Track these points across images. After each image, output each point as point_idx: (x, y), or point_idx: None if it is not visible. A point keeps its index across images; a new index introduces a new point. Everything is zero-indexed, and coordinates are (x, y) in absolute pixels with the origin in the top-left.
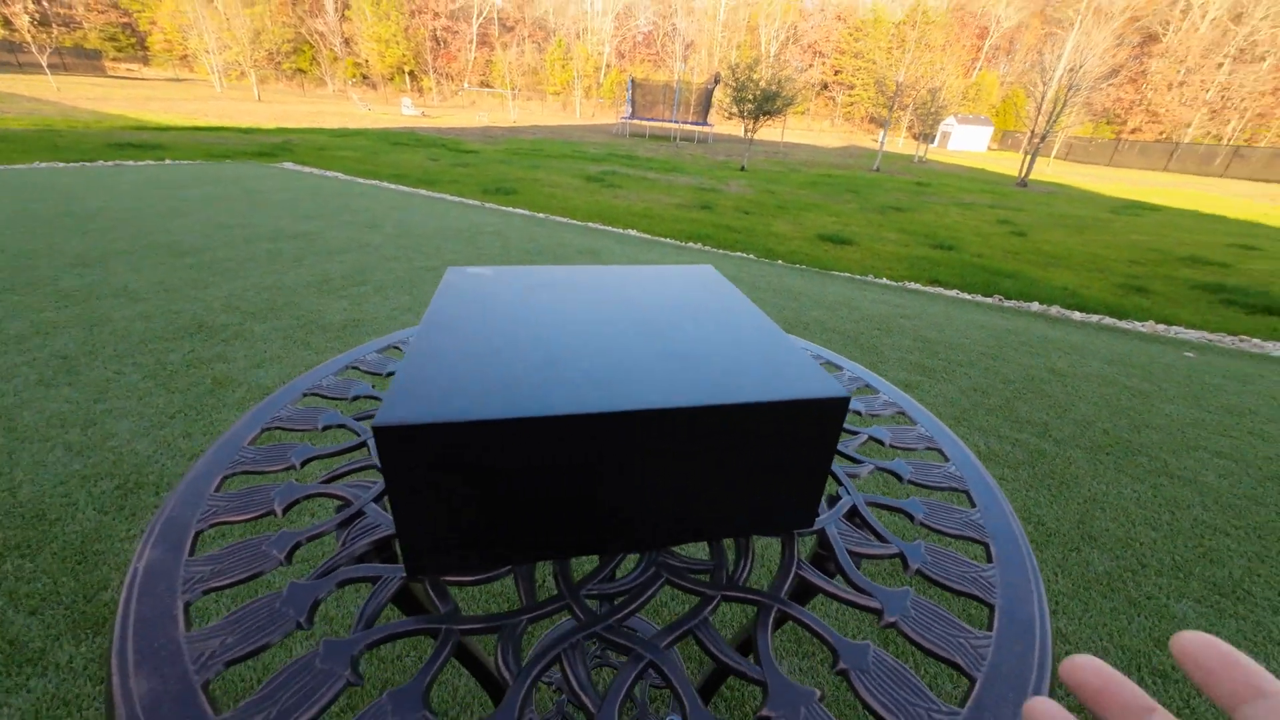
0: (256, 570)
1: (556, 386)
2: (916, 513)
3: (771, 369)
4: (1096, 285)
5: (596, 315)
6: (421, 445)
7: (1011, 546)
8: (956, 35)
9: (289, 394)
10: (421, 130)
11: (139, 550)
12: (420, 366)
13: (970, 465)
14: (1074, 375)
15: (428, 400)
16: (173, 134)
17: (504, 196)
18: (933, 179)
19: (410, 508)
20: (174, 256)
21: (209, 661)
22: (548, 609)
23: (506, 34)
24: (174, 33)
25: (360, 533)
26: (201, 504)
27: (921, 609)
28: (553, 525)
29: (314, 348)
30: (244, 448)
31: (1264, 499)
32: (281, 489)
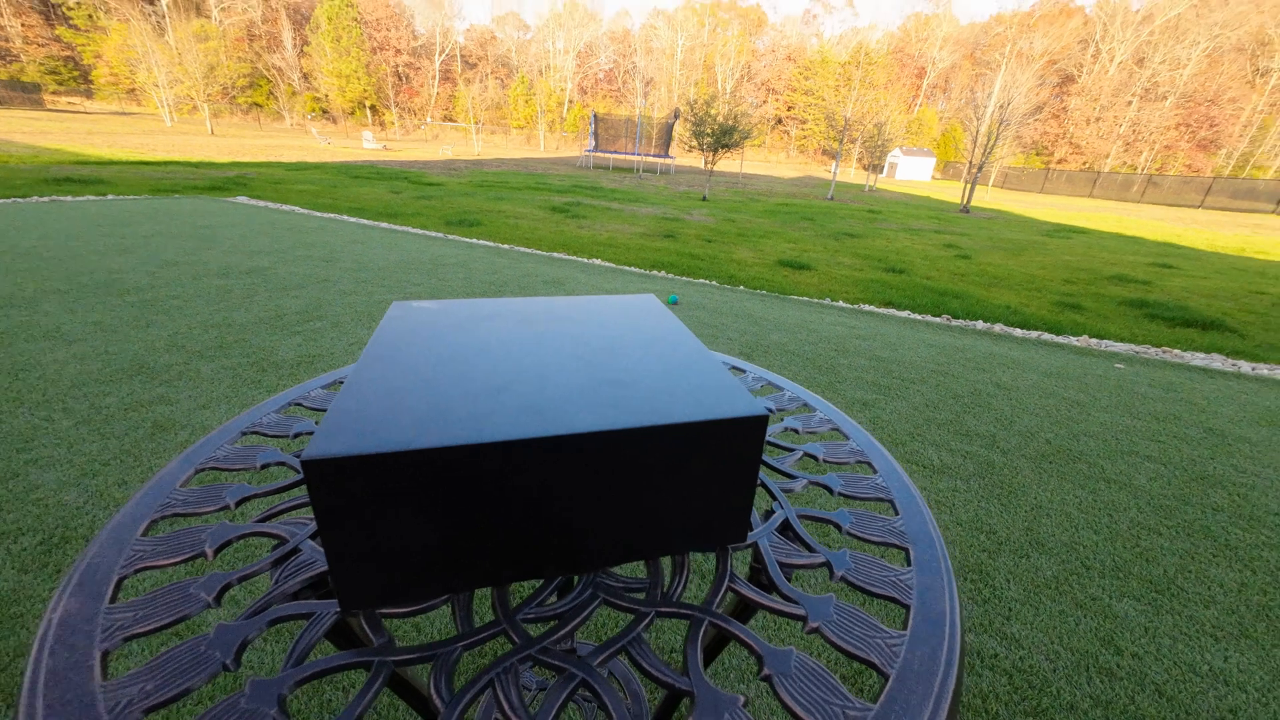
0: (182, 614)
1: (490, 415)
2: (844, 523)
3: (698, 391)
4: (1035, 303)
5: (536, 345)
6: (350, 477)
7: (929, 551)
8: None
9: (226, 433)
10: (383, 163)
11: (53, 601)
12: (354, 399)
13: (896, 476)
14: (1017, 389)
15: (357, 432)
16: (116, 168)
17: (467, 228)
18: (883, 207)
19: (342, 541)
20: (114, 295)
21: (126, 710)
22: (482, 635)
23: (469, 70)
24: (121, 66)
25: (295, 570)
26: (126, 549)
27: (843, 613)
28: (489, 551)
29: (265, 386)
30: (175, 489)
31: (1190, 498)
32: (214, 530)
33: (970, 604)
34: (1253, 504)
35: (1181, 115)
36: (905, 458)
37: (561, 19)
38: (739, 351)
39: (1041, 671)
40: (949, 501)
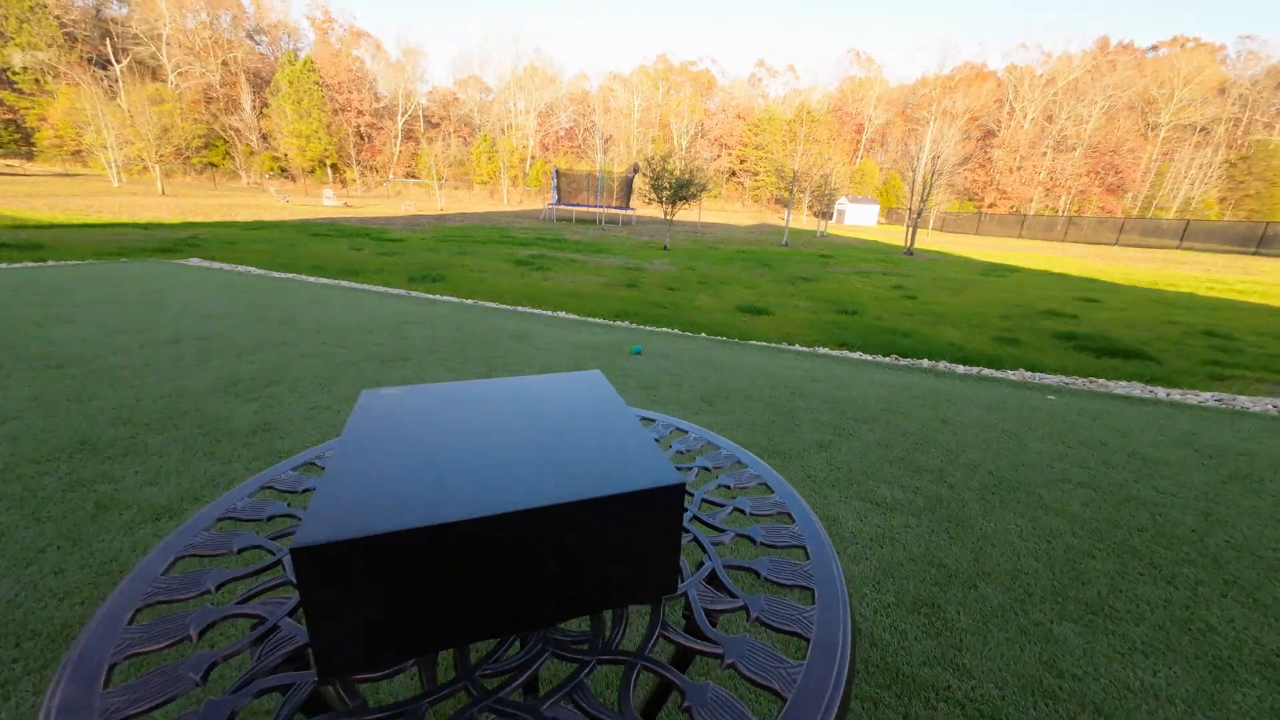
0: (172, 694)
1: (452, 496)
2: (763, 570)
3: (628, 465)
4: (977, 339)
5: (491, 428)
6: (334, 560)
7: (830, 589)
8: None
9: (203, 520)
10: (344, 220)
11: (50, 690)
12: (334, 488)
13: (810, 524)
14: (960, 423)
15: (340, 520)
16: (56, 232)
17: (431, 284)
18: (834, 251)
19: (323, 617)
20: (52, 368)
21: None
22: (445, 692)
23: (432, 129)
24: (67, 129)
25: (275, 646)
26: (115, 638)
27: (755, 650)
28: (452, 616)
29: (218, 457)
30: (158, 578)
31: (1119, 520)
32: (196, 614)
33: (924, 638)
34: (1173, 522)
35: (1090, 164)
36: (860, 496)
37: (522, 82)
38: (700, 399)
39: (992, 700)
40: (902, 537)
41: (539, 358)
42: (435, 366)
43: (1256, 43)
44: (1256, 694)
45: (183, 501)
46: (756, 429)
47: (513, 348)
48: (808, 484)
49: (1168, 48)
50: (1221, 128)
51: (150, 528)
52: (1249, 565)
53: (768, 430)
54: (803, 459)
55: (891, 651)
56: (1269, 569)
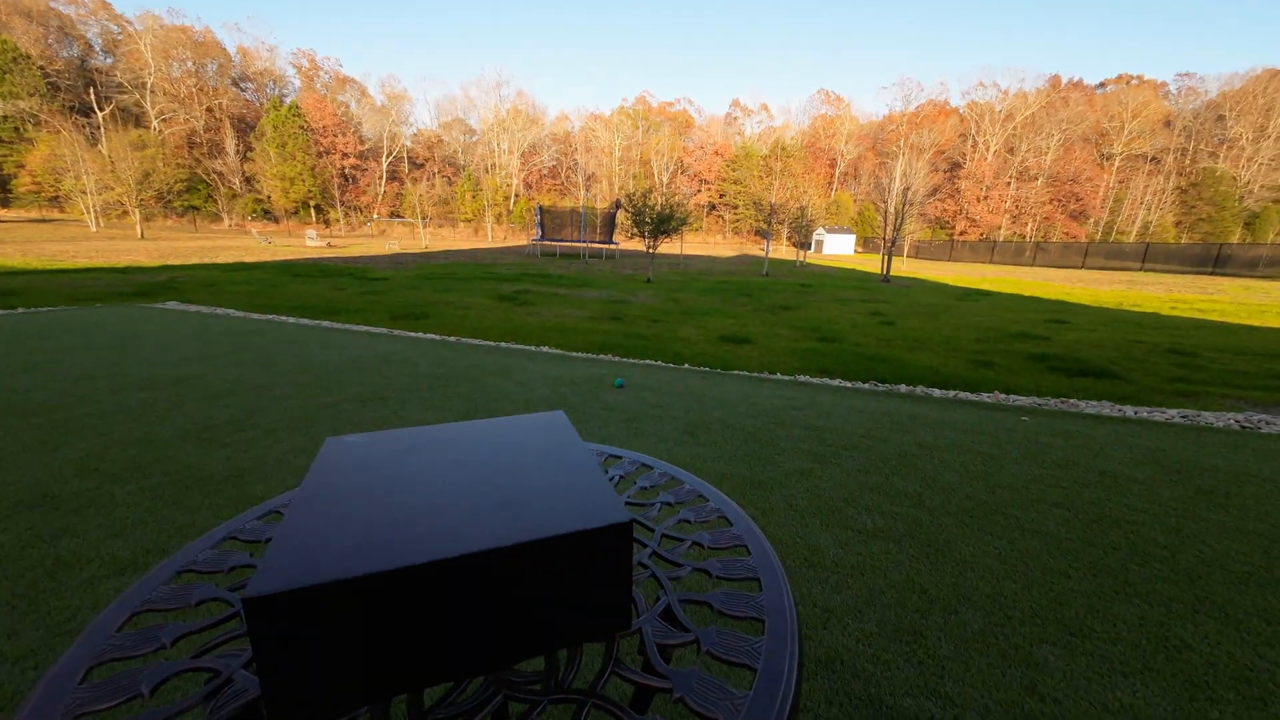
0: None
1: (404, 543)
2: (715, 602)
3: (577, 504)
4: (953, 362)
5: (450, 471)
6: (286, 609)
7: (779, 619)
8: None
9: (160, 574)
10: (327, 260)
11: None
12: (288, 538)
13: (765, 556)
14: (937, 447)
15: (293, 569)
16: (27, 278)
17: (414, 321)
18: (813, 280)
19: (276, 667)
20: (16, 418)
21: None
22: None
23: (417, 170)
24: (45, 175)
25: (228, 699)
26: (64, 698)
27: (704, 683)
28: (405, 661)
29: (187, 506)
30: (111, 635)
31: (1093, 539)
32: (149, 671)
33: (908, 667)
34: (1145, 540)
35: (1052, 192)
36: (841, 524)
37: (505, 123)
38: (682, 430)
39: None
40: (883, 565)
41: (520, 394)
42: (415, 405)
43: (1194, 79)
44: (1233, 710)
45: (147, 554)
46: (738, 459)
47: (494, 384)
48: (789, 513)
49: (1114, 85)
50: (1170, 157)
51: (111, 583)
52: (1220, 580)
53: (749, 460)
54: (783, 488)
55: (874, 682)
56: (1239, 583)
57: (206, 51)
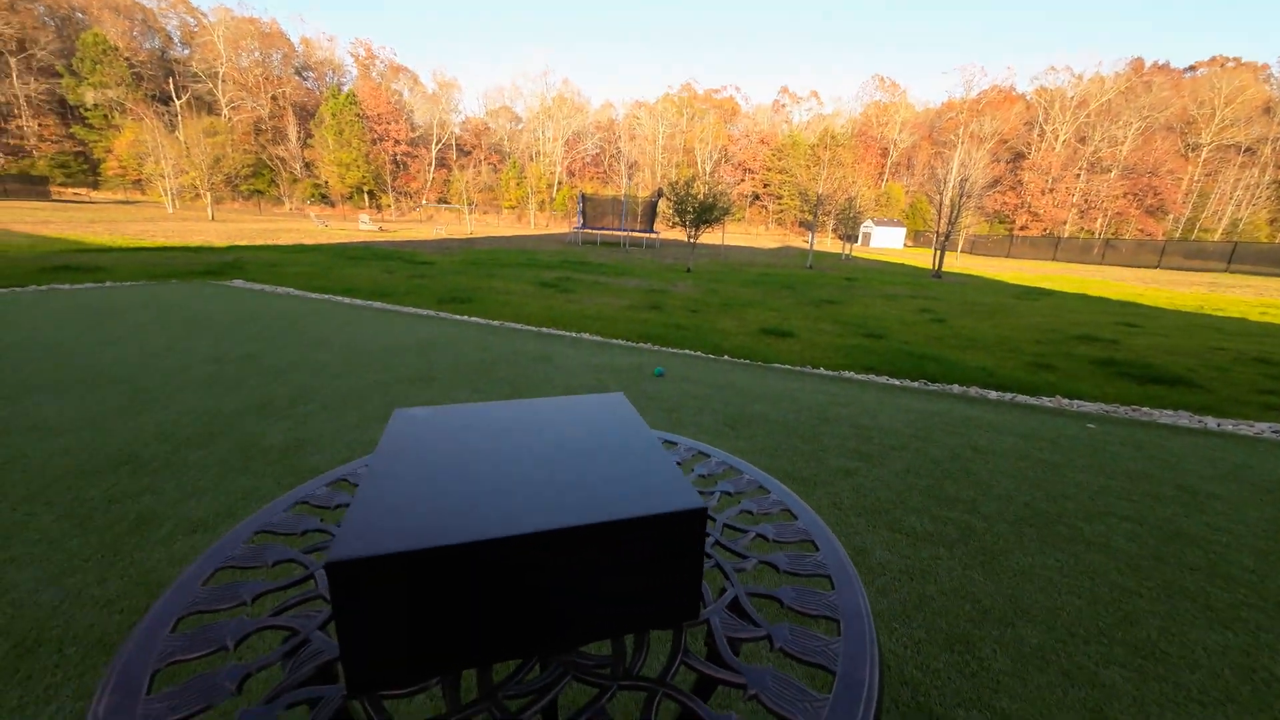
0: (209, 703)
1: (479, 517)
2: (786, 598)
3: (649, 488)
4: (1009, 364)
5: (515, 449)
6: (366, 575)
7: (857, 622)
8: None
9: (241, 533)
10: (378, 244)
11: (97, 695)
12: (367, 505)
13: (835, 554)
14: (993, 452)
15: (372, 536)
16: (115, 255)
17: (459, 305)
18: (859, 274)
19: (355, 631)
20: (103, 386)
21: None
22: (468, 712)
23: (464, 157)
24: (130, 160)
25: (305, 659)
26: (157, 646)
27: (779, 681)
28: (476, 636)
29: (253, 473)
30: (198, 589)
31: (1167, 557)
32: (233, 625)
33: (959, 679)
34: (1228, 561)
35: (1127, 185)
36: (888, 526)
37: (551, 111)
38: (723, 423)
39: None
40: (932, 570)
41: (563, 380)
42: (461, 387)
43: None
44: None
45: (217, 516)
46: (779, 454)
47: (537, 369)
48: (833, 512)
49: (1206, 68)
50: (1268, 147)
51: (186, 540)
52: None
53: (791, 456)
54: (828, 486)
55: (923, 690)
56: None
57: (272, 42)
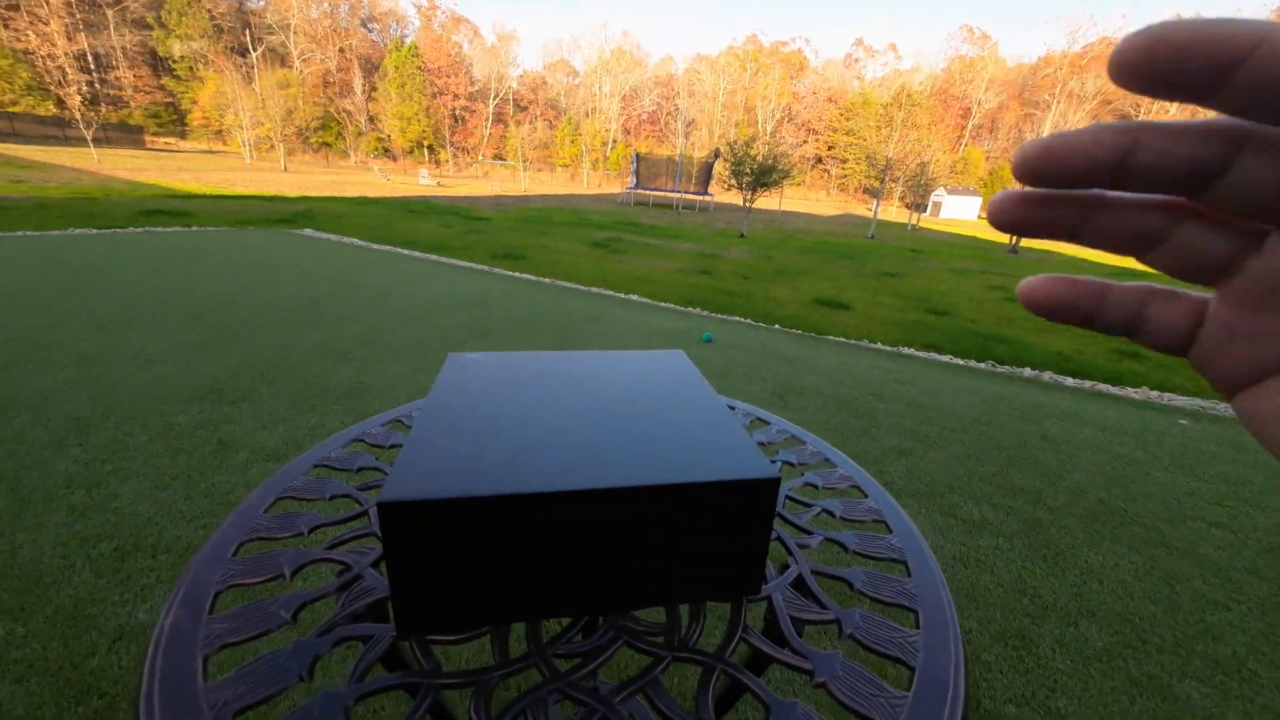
0: (265, 628)
1: (533, 468)
2: (856, 581)
3: (717, 452)
4: (1090, 350)
5: (573, 401)
6: (417, 518)
7: (938, 616)
8: (941, 115)
9: (301, 465)
10: (436, 199)
11: (165, 609)
12: (420, 448)
13: (911, 538)
14: (1066, 442)
15: (425, 479)
16: (200, 201)
17: (512, 262)
18: (926, 246)
19: (404, 573)
20: (191, 320)
21: (222, 711)
22: (518, 667)
23: (520, 113)
24: (212, 111)
25: (358, 595)
26: (221, 568)
27: (850, 671)
28: (527, 590)
29: (318, 411)
30: (260, 516)
31: (1264, 572)
32: (290, 555)
33: (1011, 672)
34: None
35: None
36: (943, 511)
37: (609, 65)
38: (772, 392)
39: None
40: (989, 560)
41: (611, 340)
42: (513, 342)
43: None
44: None
45: (287, 447)
46: (830, 429)
47: (586, 329)
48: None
49: None
50: None
51: (260, 467)
52: None
53: (842, 431)
54: (879, 465)
55: (971, 681)
56: None
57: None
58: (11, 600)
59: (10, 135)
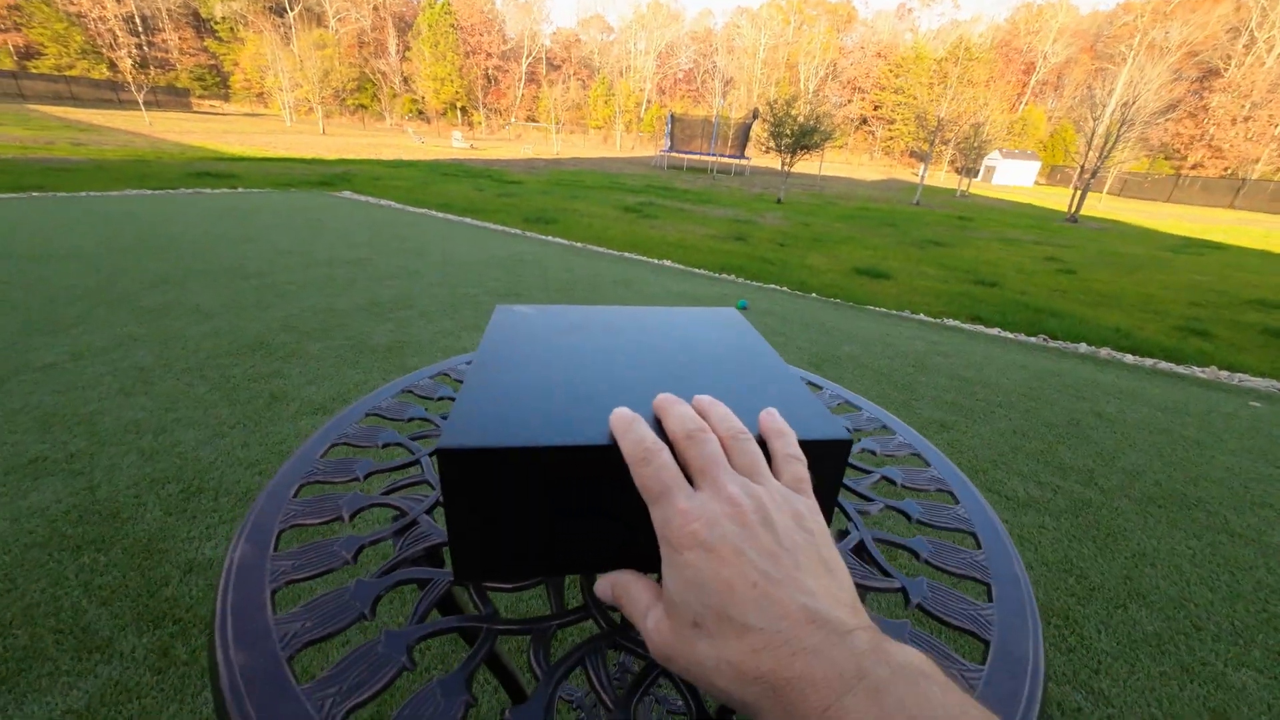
0: (328, 567)
1: (593, 420)
2: (922, 550)
3: (783, 410)
4: (1151, 327)
5: (625, 355)
6: (476, 466)
7: (1013, 590)
8: (1001, 71)
9: (354, 414)
10: (469, 162)
11: (233, 544)
12: (474, 397)
13: (980, 509)
14: (1123, 421)
15: (483, 428)
16: (245, 164)
17: (544, 226)
18: (975, 214)
19: (461, 520)
20: (241, 279)
21: (291, 641)
22: (573, 617)
23: (553, 72)
24: (253, 73)
25: (414, 540)
26: (282, 508)
27: (918, 640)
28: (582, 542)
29: (362, 367)
30: (317, 460)
31: None
32: (348, 498)
33: (1052, 651)
34: None
35: None
36: (985, 487)
37: (645, 20)
38: (807, 362)
39: None
40: (1033, 538)
41: (643, 305)
42: (546, 304)
43: None
44: None
45: (333, 400)
46: (875, 404)
47: (618, 294)
48: None
49: None
50: None
51: (309, 419)
52: None
53: (880, 403)
54: None
55: None
56: None
57: None
58: (94, 532)
59: (69, 99)
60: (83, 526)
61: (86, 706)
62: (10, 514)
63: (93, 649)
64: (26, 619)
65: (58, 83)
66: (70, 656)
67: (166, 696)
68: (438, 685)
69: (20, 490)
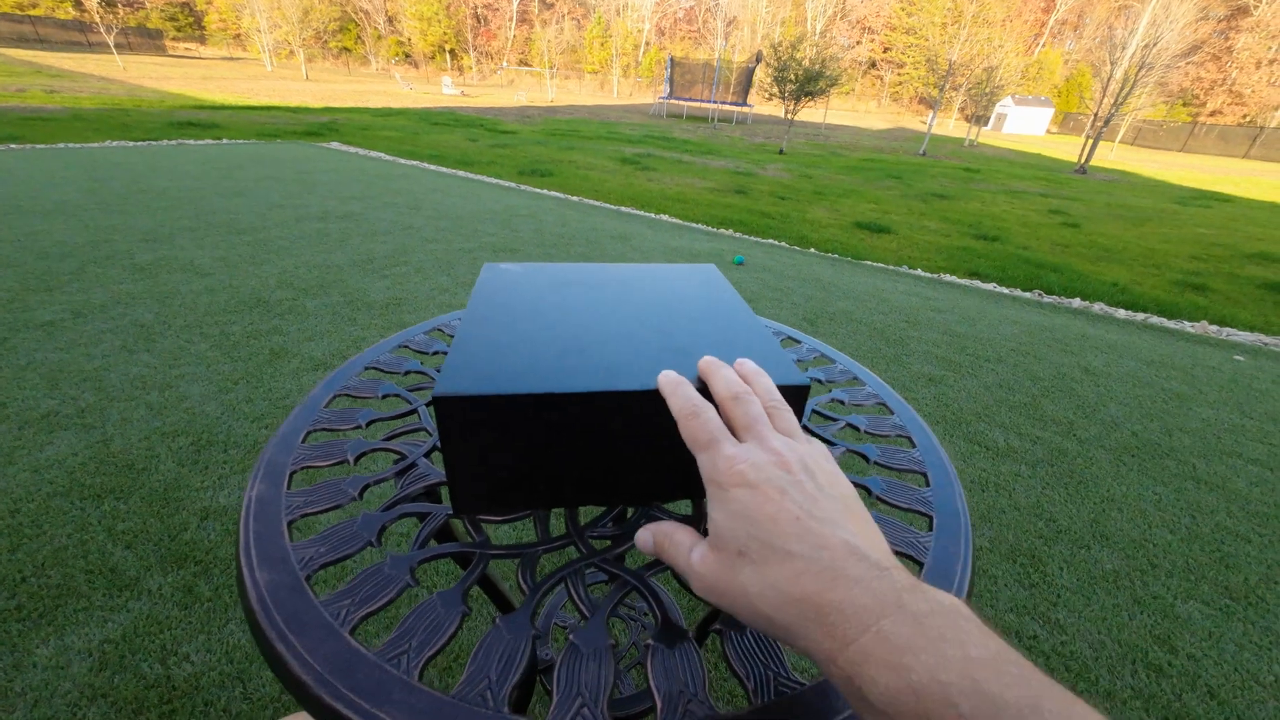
0: (337, 503)
1: (577, 369)
2: (875, 488)
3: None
4: (1150, 282)
5: (608, 310)
6: (470, 412)
7: (952, 520)
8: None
9: (354, 367)
10: (461, 110)
11: (250, 483)
12: (469, 347)
13: (934, 451)
14: (1108, 375)
15: (476, 376)
16: (228, 113)
17: (539, 178)
18: (983, 164)
19: (457, 459)
20: (233, 234)
21: (309, 563)
22: (557, 544)
23: (546, 11)
24: (228, 12)
25: (413, 480)
26: (293, 452)
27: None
28: (567, 480)
29: (359, 324)
30: (321, 409)
31: None
32: (352, 444)
33: (1016, 587)
34: None
35: None
36: (967, 438)
37: None
38: (801, 318)
39: (1082, 658)
40: (1008, 485)
41: (639, 260)
42: (541, 260)
43: None
44: None
45: (333, 356)
46: (859, 355)
47: (614, 248)
48: None
49: None
50: None
51: (310, 375)
52: None
53: (872, 358)
54: (907, 392)
55: (976, 593)
56: None
57: None
58: (112, 482)
59: (36, 41)
60: (101, 477)
61: (122, 636)
62: (31, 465)
63: (122, 587)
64: (58, 560)
65: (22, 23)
66: (102, 594)
67: (194, 628)
68: (438, 598)
69: (37, 443)
